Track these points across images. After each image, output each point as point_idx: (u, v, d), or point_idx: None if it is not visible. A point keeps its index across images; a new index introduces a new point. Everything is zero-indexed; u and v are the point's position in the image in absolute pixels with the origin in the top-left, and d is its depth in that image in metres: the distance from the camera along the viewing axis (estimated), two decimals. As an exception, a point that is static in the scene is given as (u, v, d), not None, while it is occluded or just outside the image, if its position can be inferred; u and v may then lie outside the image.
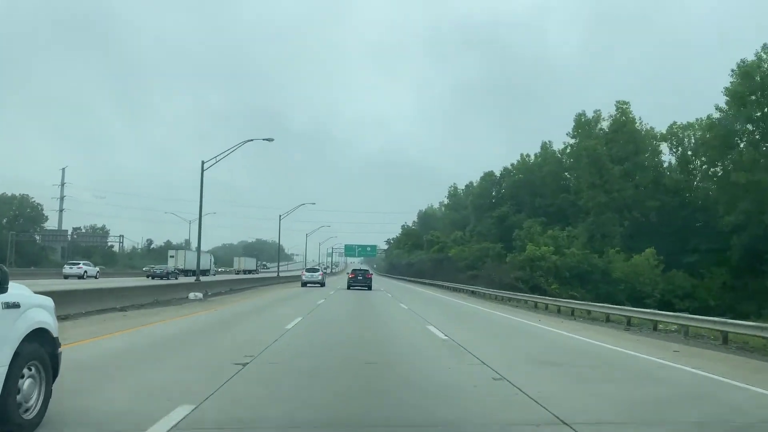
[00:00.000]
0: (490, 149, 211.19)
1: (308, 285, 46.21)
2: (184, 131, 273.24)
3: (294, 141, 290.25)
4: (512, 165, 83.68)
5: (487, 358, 9.96)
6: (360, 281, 42.86)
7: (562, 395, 7.06)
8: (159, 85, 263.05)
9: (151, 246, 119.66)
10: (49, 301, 5.50)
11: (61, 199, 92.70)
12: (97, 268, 56.32)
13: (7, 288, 4.67)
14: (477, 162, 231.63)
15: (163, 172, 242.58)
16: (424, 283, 65.29)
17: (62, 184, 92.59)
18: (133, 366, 8.56)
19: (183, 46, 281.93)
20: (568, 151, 73.39)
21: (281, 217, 64.85)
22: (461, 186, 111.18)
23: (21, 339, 4.79)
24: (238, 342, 11.52)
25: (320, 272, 52.13)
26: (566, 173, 75.01)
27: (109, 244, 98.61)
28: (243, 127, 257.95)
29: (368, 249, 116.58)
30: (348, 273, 50.12)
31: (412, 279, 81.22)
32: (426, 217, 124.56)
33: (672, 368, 9.85)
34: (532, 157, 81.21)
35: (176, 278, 51.44)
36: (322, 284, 47.90)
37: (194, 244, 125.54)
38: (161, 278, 50.09)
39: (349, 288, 42.41)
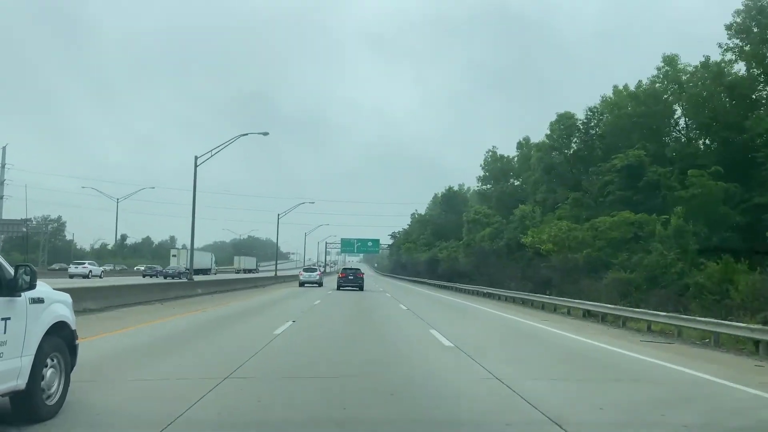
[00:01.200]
0: (502, 133, 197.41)
1: (306, 285, 46.85)
2: (171, 120, 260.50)
3: (287, 128, 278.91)
4: (599, 104, 48.31)
5: None
6: (351, 281, 42.10)
7: None
8: (142, 72, 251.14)
9: (126, 242, 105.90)
10: (67, 297, 6.04)
11: (1, 183, 77.61)
12: (102, 268, 57.25)
13: (35, 285, 5.19)
14: (487, 148, 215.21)
15: (143, 163, 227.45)
16: (477, 293, 39.77)
17: (2, 166, 77.55)
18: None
19: (167, 29, 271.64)
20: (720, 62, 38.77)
21: (279, 216, 61.17)
22: (505, 150, 74.62)
23: (44, 331, 5.34)
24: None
25: (318, 272, 52.88)
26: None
27: (68, 238, 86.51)
28: (232, 114, 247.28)
29: (369, 244, 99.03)
30: (338, 273, 48.48)
31: (441, 283, 55.75)
32: (451, 198, 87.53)
33: None
34: (632, 87, 45.58)
35: (187, 278, 52.48)
36: (320, 284, 48.50)
37: (185, 241, 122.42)
38: (172, 278, 51.16)
39: (339, 288, 41.01)
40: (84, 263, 55.22)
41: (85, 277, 49.82)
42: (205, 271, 74.56)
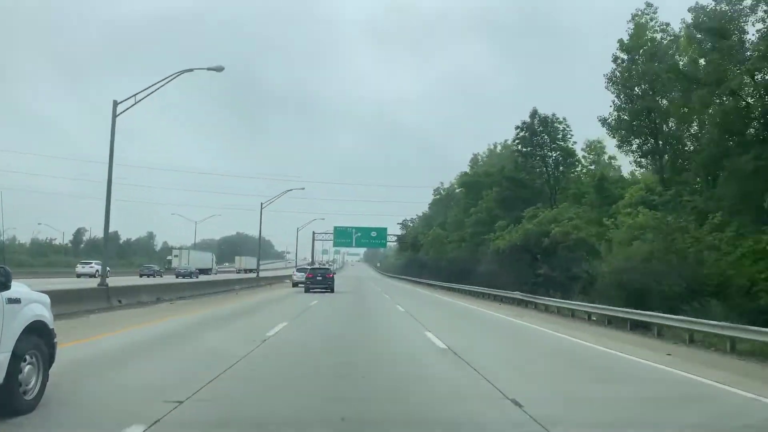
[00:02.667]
0: (514, 112, 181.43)
1: (299, 285, 46.86)
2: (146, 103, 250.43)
3: (280, 110, 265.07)
4: None
5: None
6: (320, 282, 40.71)
7: None
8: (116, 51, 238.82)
9: (84, 238, 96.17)
10: (45, 298, 6.36)
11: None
12: (108, 268, 58.03)
13: (10, 285, 5.54)
14: (496, 138, 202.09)
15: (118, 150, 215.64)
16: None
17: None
18: None
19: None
20: None
21: (263, 205, 54.86)
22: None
23: (21, 330, 5.66)
24: None
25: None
26: None
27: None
28: (217, 92, 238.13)
29: (373, 234, 71.24)
30: (307, 273, 45.10)
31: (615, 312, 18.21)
32: (534, 133, 44.78)
33: None
34: None
35: (197, 277, 53.32)
36: None
37: (165, 238, 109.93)
38: (183, 277, 52.36)
39: (307, 291, 39.23)
40: (90, 263, 56.41)
41: (92, 276, 50.45)
42: (206, 271, 74.32)
